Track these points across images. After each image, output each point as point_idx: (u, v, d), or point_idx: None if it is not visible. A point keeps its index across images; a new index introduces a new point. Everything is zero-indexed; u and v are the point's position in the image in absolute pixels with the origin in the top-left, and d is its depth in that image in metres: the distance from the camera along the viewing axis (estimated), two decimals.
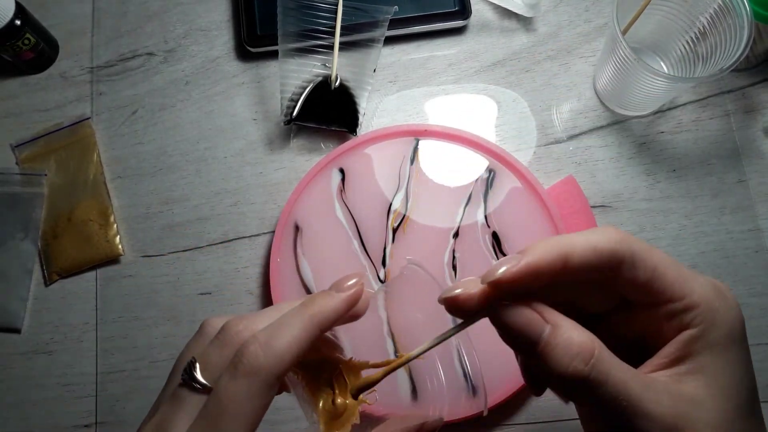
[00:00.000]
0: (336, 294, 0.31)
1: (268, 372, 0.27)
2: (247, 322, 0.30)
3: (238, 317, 0.30)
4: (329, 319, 0.30)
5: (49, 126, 0.56)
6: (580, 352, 0.25)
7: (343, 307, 0.31)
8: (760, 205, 0.51)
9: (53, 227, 0.53)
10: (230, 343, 0.29)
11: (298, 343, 0.28)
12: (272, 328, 0.29)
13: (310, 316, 0.29)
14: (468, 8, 0.56)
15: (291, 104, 0.53)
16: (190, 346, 0.31)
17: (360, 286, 0.31)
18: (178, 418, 0.28)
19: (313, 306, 0.30)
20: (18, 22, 0.52)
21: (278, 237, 0.50)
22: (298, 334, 0.28)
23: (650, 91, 0.48)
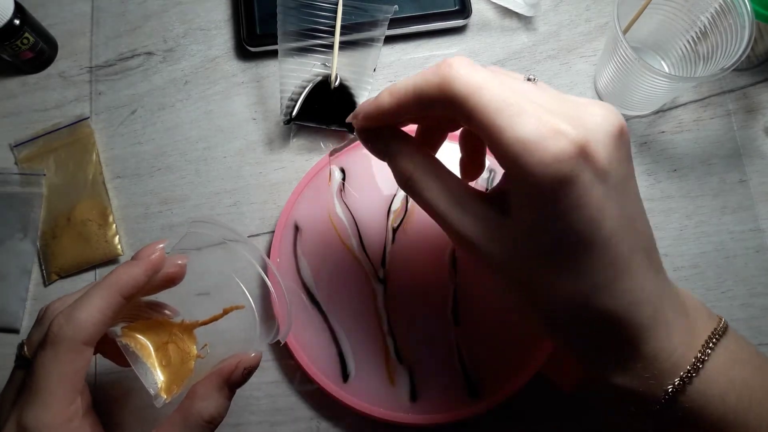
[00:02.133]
0: (134, 263, 0.35)
1: (71, 338, 0.31)
2: (62, 301, 0.35)
3: (58, 298, 0.35)
4: (130, 285, 0.34)
5: (48, 126, 0.56)
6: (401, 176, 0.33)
7: (141, 274, 0.34)
8: (761, 205, 0.51)
9: (52, 227, 0.53)
10: (46, 320, 0.34)
11: (100, 311, 0.32)
12: (77, 301, 0.33)
13: (109, 285, 0.33)
14: (468, 7, 0.56)
15: (291, 104, 0.53)
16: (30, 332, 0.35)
17: (158, 254, 0.35)
18: (9, 392, 0.33)
19: (113, 276, 0.34)
20: (17, 22, 0.52)
21: (278, 237, 0.50)
22: (98, 302, 0.32)
23: (651, 90, 0.48)
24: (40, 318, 0.35)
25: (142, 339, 0.36)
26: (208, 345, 0.37)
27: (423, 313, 0.48)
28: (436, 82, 0.29)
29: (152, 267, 0.35)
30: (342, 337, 0.48)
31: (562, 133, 0.27)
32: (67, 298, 0.35)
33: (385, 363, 0.47)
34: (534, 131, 0.27)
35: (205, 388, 0.36)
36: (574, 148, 0.27)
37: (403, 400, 0.46)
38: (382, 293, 0.48)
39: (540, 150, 0.27)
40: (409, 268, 0.49)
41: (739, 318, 0.49)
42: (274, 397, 0.49)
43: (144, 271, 0.34)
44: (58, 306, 0.34)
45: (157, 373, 0.35)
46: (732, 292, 0.49)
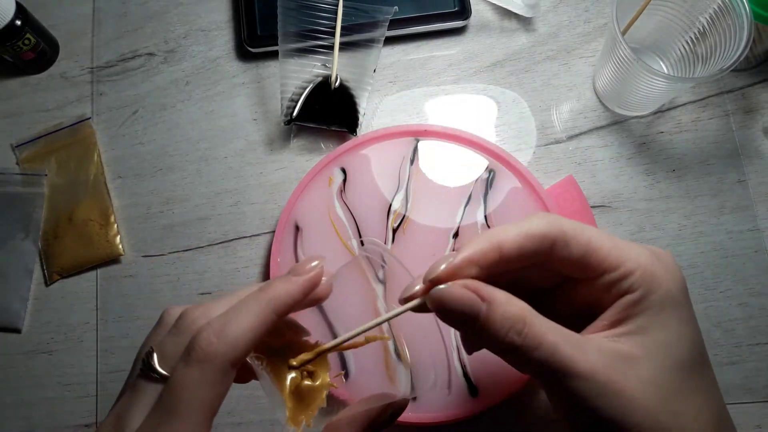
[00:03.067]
0: (294, 278, 0.31)
1: (222, 358, 0.27)
2: (203, 310, 0.30)
3: (195, 305, 0.30)
4: (286, 303, 0.30)
5: (50, 126, 0.56)
6: (514, 325, 0.27)
7: (300, 292, 0.31)
8: (759, 205, 0.51)
9: (54, 227, 0.53)
10: (186, 330, 0.29)
11: (252, 329, 0.28)
12: (227, 315, 0.29)
13: (266, 301, 0.29)
14: (468, 8, 0.56)
15: (291, 104, 0.53)
16: (150, 336, 0.31)
17: (319, 270, 0.32)
18: (136, 407, 0.28)
19: (270, 291, 0.30)
20: (18, 23, 0.52)
21: (278, 237, 0.50)
22: (253, 320, 0.28)
23: (650, 91, 0.48)
24: (177, 326, 0.30)
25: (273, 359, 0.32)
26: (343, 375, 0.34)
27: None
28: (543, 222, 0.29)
29: (311, 284, 0.31)
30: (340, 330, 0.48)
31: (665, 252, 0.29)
32: (209, 307, 0.30)
33: (385, 362, 0.47)
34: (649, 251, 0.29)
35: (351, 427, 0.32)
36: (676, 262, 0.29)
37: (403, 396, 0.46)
38: (382, 293, 0.48)
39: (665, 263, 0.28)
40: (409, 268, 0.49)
41: (738, 318, 0.49)
42: None
43: (303, 289, 0.31)
44: (198, 316, 0.29)
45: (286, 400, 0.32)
46: (730, 292, 0.50)
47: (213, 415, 0.28)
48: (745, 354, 0.48)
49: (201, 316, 0.29)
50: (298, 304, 0.31)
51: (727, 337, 0.49)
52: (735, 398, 0.48)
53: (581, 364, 0.26)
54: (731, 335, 0.49)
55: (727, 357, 0.48)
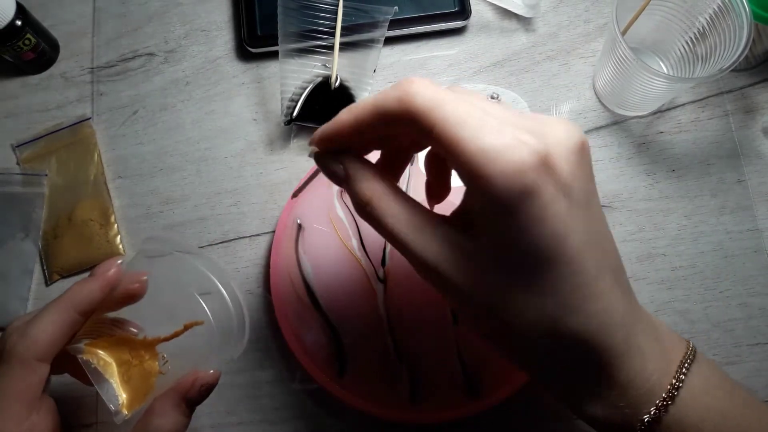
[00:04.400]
0: (90, 279, 0.35)
1: (23, 354, 0.32)
2: (22, 318, 0.35)
3: (20, 316, 0.35)
4: (86, 301, 0.34)
5: (50, 126, 0.56)
6: (359, 200, 0.31)
7: (98, 291, 0.34)
8: (759, 206, 0.52)
9: (54, 227, 0.53)
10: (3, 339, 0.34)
11: (53, 327, 0.33)
12: (33, 318, 0.33)
13: (64, 302, 0.33)
14: (468, 9, 0.56)
15: (291, 104, 0.53)
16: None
17: (115, 271, 0.35)
18: None
19: (69, 292, 0.34)
20: (18, 23, 0.52)
21: (278, 237, 0.50)
22: (53, 318, 0.33)
23: (650, 91, 0.48)
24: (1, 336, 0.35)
25: (104, 355, 0.36)
26: (169, 361, 0.37)
27: (423, 313, 0.48)
28: (396, 96, 0.28)
29: (108, 283, 0.35)
30: (342, 336, 0.48)
31: (524, 143, 0.26)
32: (26, 316, 0.35)
33: (385, 362, 0.47)
34: (495, 142, 0.26)
35: (162, 405, 0.36)
36: (537, 158, 0.26)
37: (402, 398, 0.46)
38: (382, 293, 0.49)
39: (502, 160, 0.26)
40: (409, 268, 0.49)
41: (737, 318, 0.49)
42: (274, 396, 0.49)
43: (100, 288, 0.35)
44: (16, 324, 0.35)
45: (119, 389, 0.35)
46: (730, 292, 0.50)
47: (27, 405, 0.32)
48: (745, 354, 0.48)
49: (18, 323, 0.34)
50: (100, 302, 0.35)
51: (727, 337, 0.49)
52: None
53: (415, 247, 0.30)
54: (731, 335, 0.49)
55: (727, 357, 0.48)
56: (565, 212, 0.27)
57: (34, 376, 0.33)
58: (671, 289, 0.50)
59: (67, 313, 0.33)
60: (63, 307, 0.33)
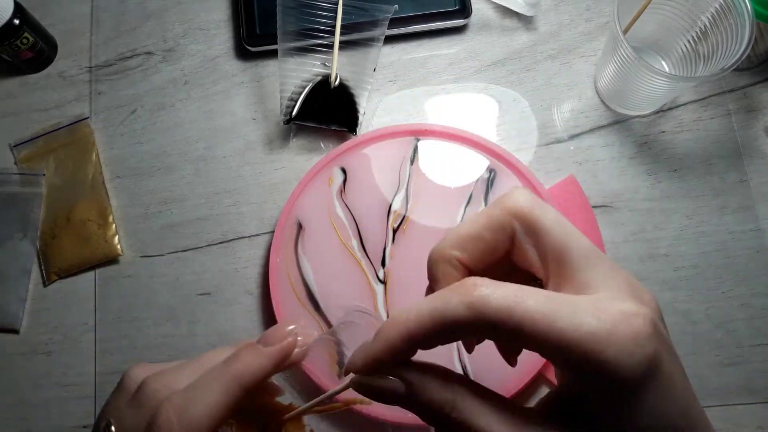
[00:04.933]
0: (263, 350, 0.29)
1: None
2: (165, 380, 0.28)
3: (157, 373, 0.29)
4: (255, 378, 0.28)
5: (48, 126, 0.56)
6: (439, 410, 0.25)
7: (270, 366, 0.29)
8: (761, 205, 0.51)
9: (52, 227, 0.53)
10: (146, 403, 0.27)
11: (217, 408, 0.27)
12: (189, 391, 0.27)
13: (232, 377, 0.28)
14: (468, 7, 0.56)
15: (290, 104, 0.53)
16: (110, 401, 0.29)
17: (291, 340, 0.30)
18: None
19: (237, 365, 0.28)
20: (16, 22, 0.52)
21: (278, 237, 0.50)
22: (217, 398, 0.27)
23: (651, 90, 0.48)
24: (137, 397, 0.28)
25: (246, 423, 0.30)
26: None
27: None
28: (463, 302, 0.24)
29: (283, 357, 0.29)
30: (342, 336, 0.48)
31: (632, 315, 0.24)
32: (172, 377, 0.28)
33: None
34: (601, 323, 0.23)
35: None
36: (650, 326, 0.24)
37: None
38: (382, 293, 0.48)
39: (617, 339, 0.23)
40: (409, 268, 0.49)
41: (739, 318, 0.49)
42: None
43: (274, 362, 0.29)
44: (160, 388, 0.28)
45: None
46: (732, 292, 0.49)
47: None
48: (747, 354, 0.48)
49: (162, 388, 0.28)
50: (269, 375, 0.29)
51: (729, 337, 0.49)
52: (737, 399, 0.48)
53: None
54: (733, 336, 0.49)
55: (729, 358, 0.48)
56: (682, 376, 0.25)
57: None
58: (673, 290, 0.50)
59: (233, 391, 0.27)
60: (229, 384, 0.27)
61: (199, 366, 0.29)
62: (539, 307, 0.24)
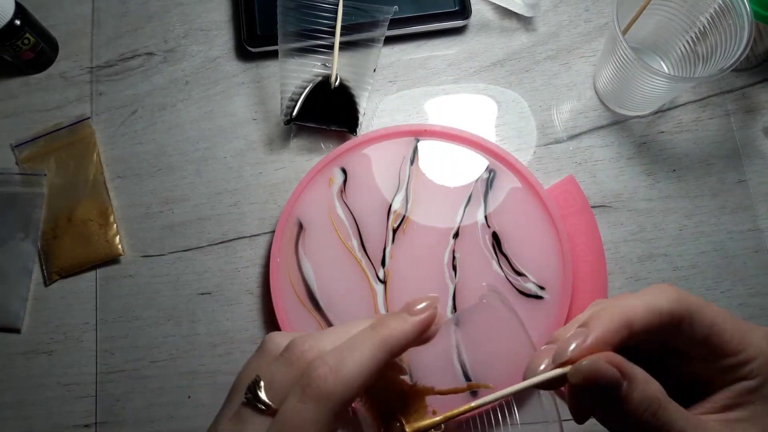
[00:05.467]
0: (409, 318, 0.29)
1: (337, 398, 0.26)
2: (313, 342, 0.28)
3: (304, 335, 0.29)
4: (401, 344, 0.29)
5: (49, 126, 0.56)
6: (650, 405, 0.27)
7: (415, 332, 0.29)
8: (760, 205, 0.51)
9: (53, 227, 0.53)
10: (296, 362, 0.28)
11: (367, 369, 0.27)
12: (341, 351, 0.27)
13: (380, 341, 0.28)
14: (468, 8, 0.56)
15: (291, 104, 0.53)
16: (252, 363, 0.29)
17: (433, 311, 0.30)
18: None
19: (384, 330, 0.28)
20: (18, 22, 0.52)
21: (278, 237, 0.50)
22: (367, 360, 0.27)
23: (650, 91, 0.48)
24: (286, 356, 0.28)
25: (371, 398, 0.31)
26: None
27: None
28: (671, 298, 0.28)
29: (427, 325, 0.30)
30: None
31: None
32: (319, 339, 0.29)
33: None
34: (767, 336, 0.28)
35: None
36: None
37: None
38: (382, 293, 0.48)
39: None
40: (409, 268, 0.49)
41: None
42: None
43: (419, 330, 0.29)
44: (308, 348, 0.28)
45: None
46: (731, 292, 0.50)
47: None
48: None
49: (310, 348, 0.28)
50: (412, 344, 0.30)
51: None
52: None
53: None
54: None
55: None
56: None
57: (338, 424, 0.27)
58: None
59: (381, 354, 0.28)
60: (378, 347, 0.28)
61: (343, 332, 0.29)
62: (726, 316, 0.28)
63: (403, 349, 0.29)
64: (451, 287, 0.48)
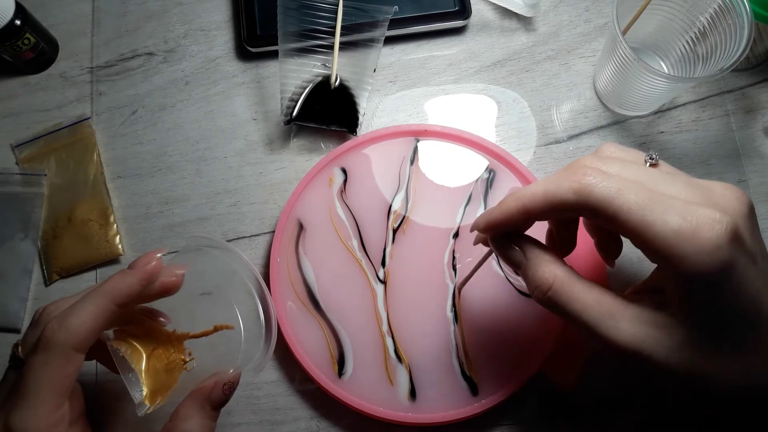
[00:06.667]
0: (130, 272, 0.35)
1: (62, 344, 0.32)
2: (58, 304, 0.35)
3: (54, 301, 0.36)
4: (124, 294, 0.34)
5: (49, 126, 0.56)
6: (539, 285, 0.32)
7: (137, 284, 0.34)
8: (760, 206, 0.51)
9: (53, 227, 0.53)
10: (41, 323, 0.34)
11: (92, 318, 0.33)
12: (71, 307, 0.33)
13: (104, 293, 0.33)
14: (468, 8, 0.56)
15: (291, 104, 0.53)
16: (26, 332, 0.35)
17: (155, 265, 0.35)
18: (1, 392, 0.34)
19: (108, 284, 0.34)
20: (18, 22, 0.52)
21: (278, 237, 0.50)
22: (92, 309, 0.33)
23: (650, 91, 0.48)
24: (36, 320, 0.35)
25: (133, 344, 0.36)
26: (195, 359, 0.37)
27: (422, 313, 0.48)
28: (572, 189, 0.30)
29: (148, 276, 0.35)
30: (342, 336, 0.48)
31: (716, 221, 0.27)
32: (62, 301, 0.35)
33: (385, 362, 0.47)
34: (688, 222, 0.27)
35: (187, 409, 0.36)
36: (729, 234, 0.27)
37: (402, 399, 0.46)
38: (382, 293, 0.48)
39: (699, 239, 0.27)
40: (409, 268, 0.49)
41: None
42: (274, 396, 0.49)
43: (139, 281, 0.34)
44: (52, 309, 0.35)
45: (144, 380, 0.35)
46: None
47: (62, 394, 0.33)
48: None
49: (54, 309, 0.35)
50: (138, 295, 0.34)
51: None
52: None
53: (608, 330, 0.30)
54: None
55: None
56: (755, 278, 0.29)
57: (71, 365, 0.33)
58: None
59: (105, 305, 0.33)
60: (101, 299, 0.33)
61: (82, 293, 0.35)
62: (636, 200, 0.28)
63: (131, 298, 0.34)
64: (451, 287, 0.48)
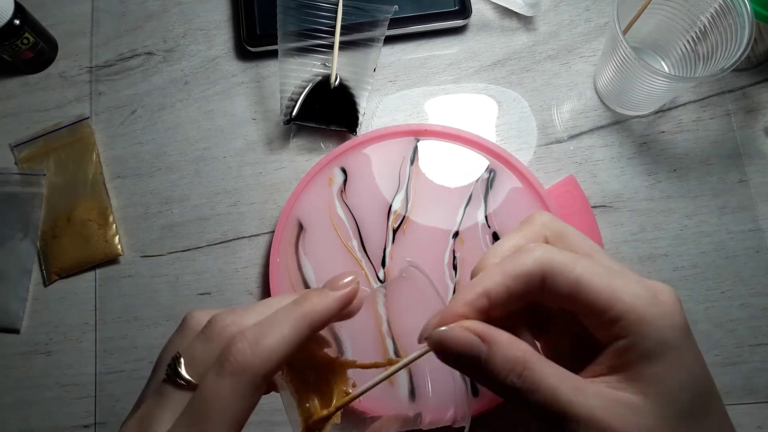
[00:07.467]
0: (330, 293, 0.30)
1: (256, 371, 0.26)
2: (234, 317, 0.29)
3: (225, 311, 0.29)
4: (322, 318, 0.29)
5: (48, 126, 0.56)
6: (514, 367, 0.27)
7: (336, 307, 0.30)
8: (761, 205, 0.51)
9: (52, 227, 0.53)
10: (217, 338, 0.28)
11: (287, 343, 0.27)
12: (262, 326, 0.28)
13: (302, 315, 0.29)
14: (468, 7, 0.56)
15: (291, 104, 0.53)
16: (174, 340, 0.30)
17: (355, 286, 0.31)
18: (162, 414, 0.27)
19: (306, 304, 0.29)
20: (17, 22, 0.52)
21: (278, 237, 0.50)
22: (288, 333, 0.28)
23: (651, 90, 0.48)
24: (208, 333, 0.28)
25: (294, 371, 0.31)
26: None
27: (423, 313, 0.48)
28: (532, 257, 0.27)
29: (348, 300, 0.31)
30: (341, 337, 0.48)
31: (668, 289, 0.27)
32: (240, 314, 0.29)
33: None
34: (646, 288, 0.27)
35: None
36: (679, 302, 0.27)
37: (402, 399, 0.46)
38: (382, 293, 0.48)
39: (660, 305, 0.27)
40: None
41: (739, 318, 0.49)
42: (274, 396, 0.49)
43: (339, 304, 0.30)
44: (229, 324, 0.28)
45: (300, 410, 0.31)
46: (731, 292, 0.50)
47: (241, 428, 0.27)
48: (746, 354, 0.48)
49: (232, 324, 0.28)
50: (333, 318, 0.30)
51: (729, 337, 0.49)
52: (736, 399, 0.48)
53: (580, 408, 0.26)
54: (732, 336, 0.49)
55: (728, 358, 0.48)
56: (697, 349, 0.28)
57: (257, 396, 0.27)
58: None
59: (302, 328, 0.28)
60: (299, 322, 0.28)
61: (265, 307, 0.30)
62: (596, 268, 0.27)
63: (325, 322, 0.30)
64: (451, 287, 0.48)
